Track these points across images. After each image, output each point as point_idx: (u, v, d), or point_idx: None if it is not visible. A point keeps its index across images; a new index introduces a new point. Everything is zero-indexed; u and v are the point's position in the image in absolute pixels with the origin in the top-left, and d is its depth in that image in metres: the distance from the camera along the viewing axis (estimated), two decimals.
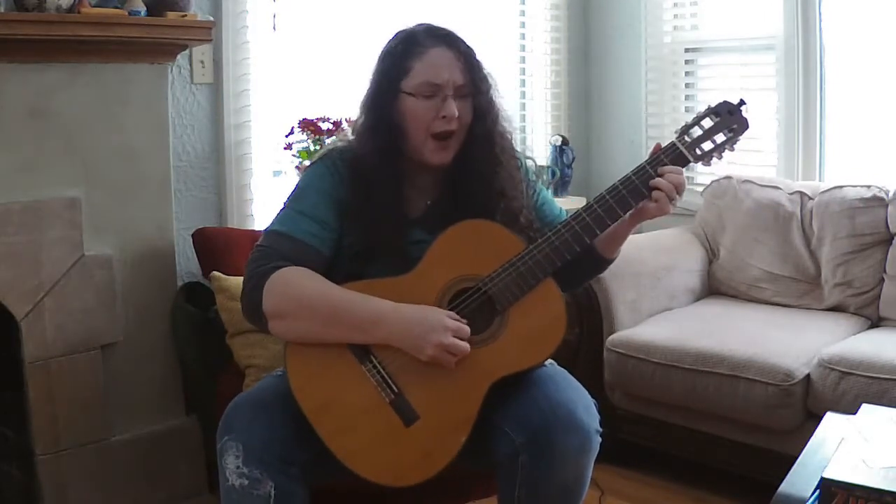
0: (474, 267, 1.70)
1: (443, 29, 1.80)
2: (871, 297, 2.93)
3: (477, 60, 1.79)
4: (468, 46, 1.79)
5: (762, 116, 3.40)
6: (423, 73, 1.74)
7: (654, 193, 1.70)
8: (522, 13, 3.78)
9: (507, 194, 1.79)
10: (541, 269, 1.68)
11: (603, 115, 3.97)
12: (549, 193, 1.98)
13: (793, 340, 2.65)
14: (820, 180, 3.33)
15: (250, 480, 1.58)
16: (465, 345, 1.63)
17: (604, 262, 1.87)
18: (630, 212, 1.73)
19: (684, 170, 1.74)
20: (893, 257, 2.87)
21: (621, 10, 3.85)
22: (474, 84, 1.77)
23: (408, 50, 1.76)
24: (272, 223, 1.76)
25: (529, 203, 1.86)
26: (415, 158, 1.78)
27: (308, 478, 1.64)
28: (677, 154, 1.74)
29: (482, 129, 1.79)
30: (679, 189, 1.71)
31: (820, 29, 3.29)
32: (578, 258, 1.75)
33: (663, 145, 1.76)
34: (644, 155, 4.09)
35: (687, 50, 3.72)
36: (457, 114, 1.74)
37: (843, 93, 3.31)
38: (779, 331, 2.77)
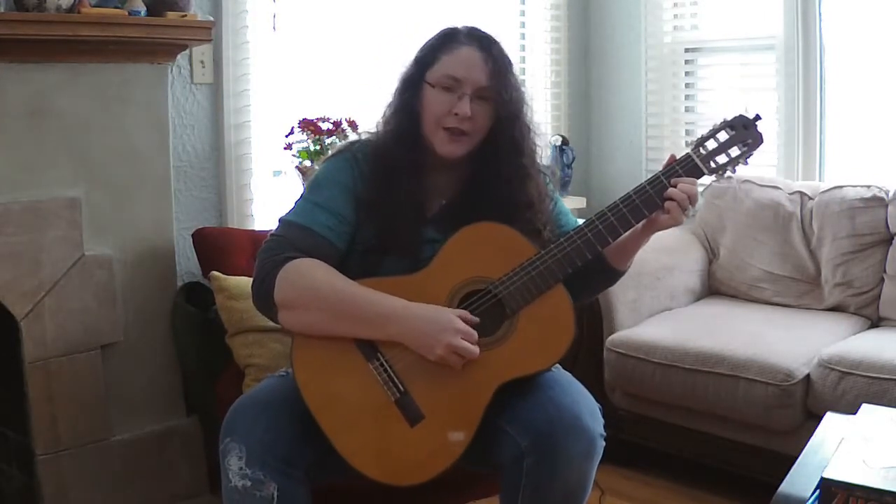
0: (486, 269, 1.70)
1: (485, 33, 1.81)
2: (871, 297, 2.93)
3: (507, 69, 1.79)
4: (504, 55, 1.80)
5: (762, 116, 3.39)
6: (446, 65, 1.75)
7: (668, 204, 1.69)
8: (522, 13, 3.78)
9: (534, 207, 1.79)
10: (552, 274, 1.68)
11: (603, 115, 3.97)
12: (564, 205, 1.98)
13: (793, 340, 2.66)
14: (820, 180, 3.33)
15: (253, 482, 1.58)
16: (475, 348, 1.62)
17: (615, 274, 1.86)
18: (643, 222, 1.73)
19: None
20: (893, 257, 2.88)
21: (621, 9, 3.85)
22: (498, 90, 1.76)
23: (443, 44, 1.78)
24: (288, 213, 1.76)
25: (552, 217, 1.86)
26: (430, 149, 1.78)
27: (311, 478, 1.64)
28: (692, 166, 1.73)
29: (507, 138, 1.78)
30: (692, 200, 1.70)
31: (820, 29, 3.29)
32: (590, 269, 1.75)
33: (671, 150, 1.76)
34: (644, 155, 4.09)
35: (687, 50, 3.72)
36: (469, 114, 1.74)
37: (843, 93, 3.31)
38: (779, 331, 2.77)
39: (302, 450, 1.61)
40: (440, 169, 1.82)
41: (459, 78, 1.74)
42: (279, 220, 1.76)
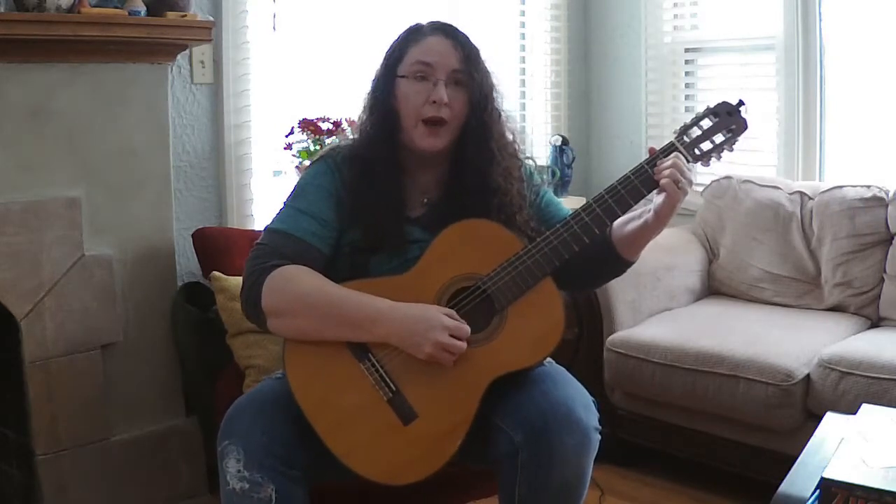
0: (473, 266, 1.70)
1: (448, 23, 1.82)
2: (871, 297, 2.93)
3: (476, 54, 1.79)
4: (470, 42, 1.80)
5: (762, 116, 3.40)
6: (416, 55, 1.77)
7: (662, 183, 1.68)
8: (522, 13, 3.78)
9: (501, 191, 1.79)
10: (540, 268, 1.68)
11: (603, 115, 3.97)
12: (554, 196, 1.97)
13: (793, 340, 2.65)
14: (820, 180, 3.33)
15: (251, 484, 1.58)
16: (463, 344, 1.62)
17: (624, 264, 1.86)
18: (648, 217, 1.72)
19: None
20: (893, 257, 2.88)
21: (621, 10, 3.85)
22: (470, 74, 1.76)
23: (408, 38, 1.80)
24: (272, 221, 1.77)
25: (533, 204, 1.86)
26: (409, 146, 1.79)
27: (308, 480, 1.64)
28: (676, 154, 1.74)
29: (477, 122, 1.79)
30: (681, 171, 1.68)
31: (820, 29, 3.29)
32: (599, 258, 1.77)
33: (660, 147, 1.76)
34: (644, 155, 4.08)
35: (687, 50, 3.73)
36: (446, 99, 1.74)
37: (843, 93, 3.31)
38: (779, 331, 2.77)
39: (299, 451, 1.61)
40: (421, 167, 1.83)
41: (431, 63, 1.75)
42: (264, 229, 1.77)
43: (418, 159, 1.81)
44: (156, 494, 2.53)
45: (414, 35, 1.80)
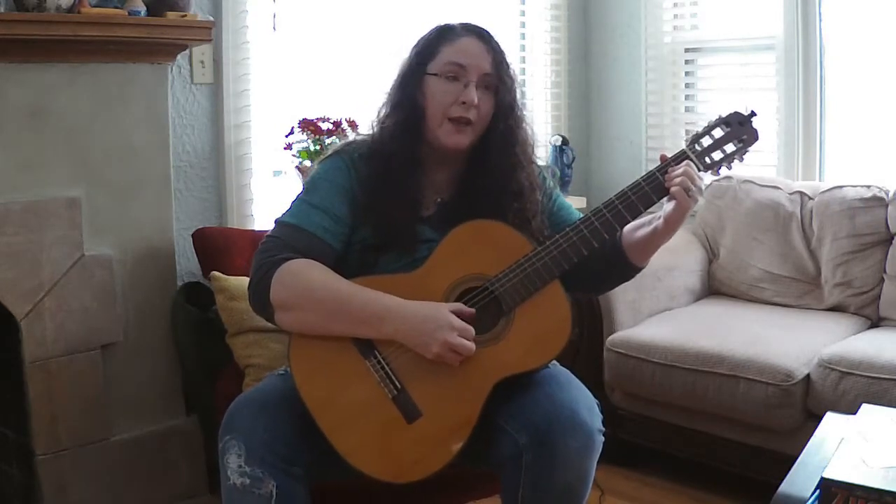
0: (481, 267, 1.70)
1: (481, 26, 1.84)
2: (871, 297, 2.93)
3: (506, 60, 1.81)
4: (500, 47, 1.82)
5: (762, 116, 3.39)
6: (449, 54, 1.77)
7: (672, 191, 1.69)
8: (522, 13, 3.78)
9: (524, 196, 1.80)
10: (548, 271, 1.68)
11: (603, 115, 3.97)
12: (566, 200, 1.98)
13: (793, 340, 2.66)
14: (820, 180, 3.33)
15: (252, 479, 1.58)
16: (471, 345, 1.62)
17: (633, 270, 1.86)
18: (658, 224, 1.73)
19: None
20: (893, 257, 2.88)
21: (621, 10, 3.85)
22: (500, 78, 1.78)
23: (441, 37, 1.80)
24: (284, 214, 1.77)
25: (545, 208, 1.86)
26: (432, 143, 1.79)
27: (310, 477, 1.64)
28: (687, 162, 1.74)
29: (503, 126, 1.80)
30: (692, 179, 1.69)
31: (820, 29, 3.29)
32: (609, 262, 1.77)
33: (671, 150, 1.77)
34: (644, 155, 4.09)
35: (687, 50, 3.73)
36: (476, 101, 1.75)
37: (843, 93, 3.31)
38: (779, 331, 2.77)
39: (301, 448, 1.62)
40: (438, 165, 1.83)
41: (464, 65, 1.76)
42: (275, 221, 1.77)
43: (437, 156, 1.81)
44: (156, 494, 2.53)
45: (447, 34, 1.80)
